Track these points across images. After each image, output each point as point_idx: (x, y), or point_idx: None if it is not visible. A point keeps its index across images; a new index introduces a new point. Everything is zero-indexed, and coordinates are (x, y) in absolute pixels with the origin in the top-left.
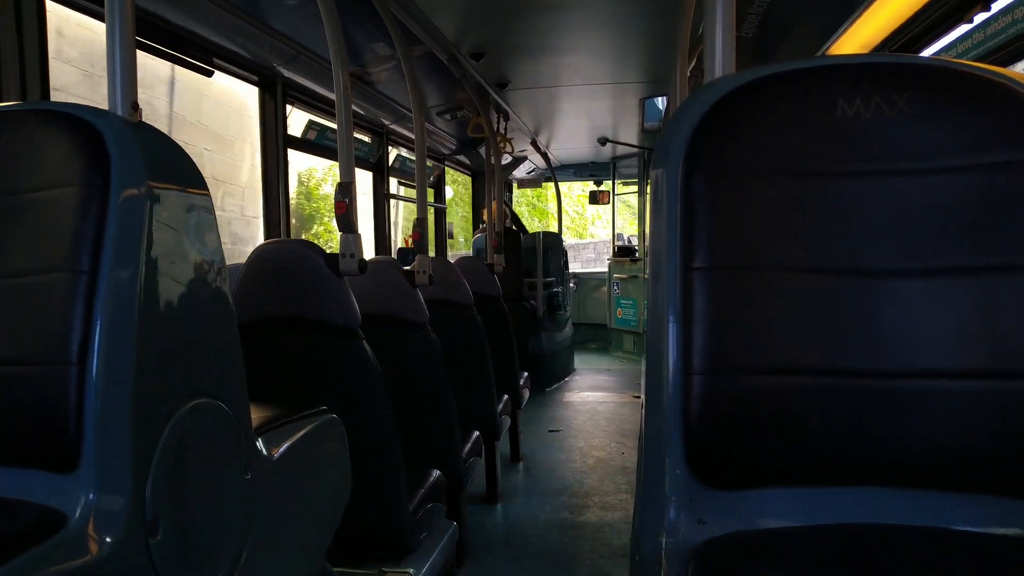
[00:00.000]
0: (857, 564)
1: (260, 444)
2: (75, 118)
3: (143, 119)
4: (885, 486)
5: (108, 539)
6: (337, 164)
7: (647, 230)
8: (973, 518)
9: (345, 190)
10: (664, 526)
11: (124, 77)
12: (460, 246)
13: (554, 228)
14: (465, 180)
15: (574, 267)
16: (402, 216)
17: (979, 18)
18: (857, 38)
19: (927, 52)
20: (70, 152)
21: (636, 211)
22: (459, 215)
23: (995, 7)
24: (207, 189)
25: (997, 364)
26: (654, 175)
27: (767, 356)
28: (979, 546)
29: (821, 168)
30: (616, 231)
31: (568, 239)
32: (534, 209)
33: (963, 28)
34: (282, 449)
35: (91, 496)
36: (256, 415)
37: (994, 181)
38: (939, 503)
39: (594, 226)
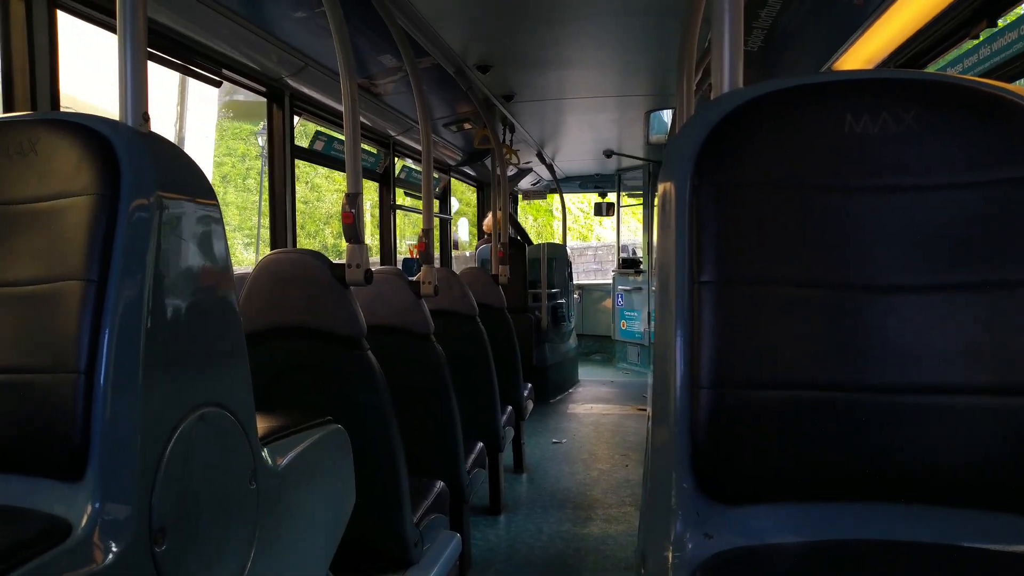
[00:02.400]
0: None
1: (266, 454)
2: (86, 128)
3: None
4: (892, 502)
5: (114, 548)
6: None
7: (653, 242)
8: (980, 534)
9: (352, 201)
10: (670, 540)
11: (135, 87)
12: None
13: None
14: (466, 192)
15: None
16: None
17: (985, 34)
18: (863, 53)
19: (932, 67)
20: (81, 162)
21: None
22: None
23: (1001, 23)
24: (215, 199)
25: (1002, 380)
26: (661, 188)
27: (774, 370)
28: (986, 563)
29: (829, 183)
30: (621, 243)
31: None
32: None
33: (969, 44)
34: (288, 459)
35: (97, 505)
36: (262, 425)
37: (1003, 197)
38: (946, 519)
39: (602, 227)
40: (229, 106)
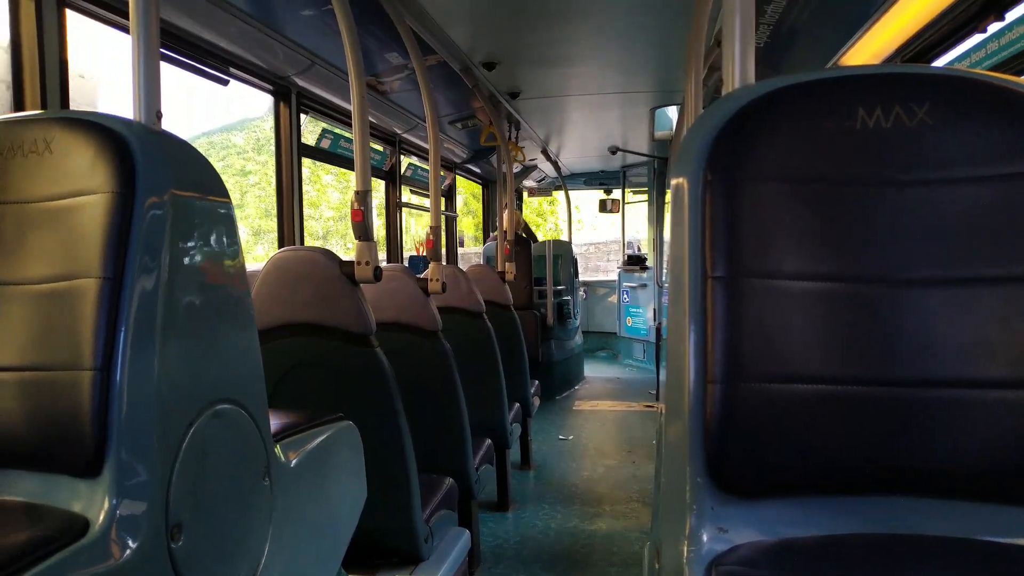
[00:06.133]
0: (880, 574)
1: (279, 450)
2: (100, 126)
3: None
4: (908, 496)
5: (131, 544)
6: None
7: (659, 237)
8: (998, 528)
9: (361, 199)
10: (685, 534)
11: (148, 86)
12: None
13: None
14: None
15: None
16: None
17: (993, 28)
18: (870, 48)
19: (940, 62)
20: (96, 160)
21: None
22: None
23: (1009, 17)
24: (228, 197)
25: (1019, 374)
26: (674, 184)
27: (787, 365)
28: (1004, 557)
29: (841, 177)
30: (626, 239)
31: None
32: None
33: (977, 38)
34: (300, 455)
35: (114, 501)
36: (274, 421)
37: (1014, 191)
38: (963, 513)
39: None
40: None
